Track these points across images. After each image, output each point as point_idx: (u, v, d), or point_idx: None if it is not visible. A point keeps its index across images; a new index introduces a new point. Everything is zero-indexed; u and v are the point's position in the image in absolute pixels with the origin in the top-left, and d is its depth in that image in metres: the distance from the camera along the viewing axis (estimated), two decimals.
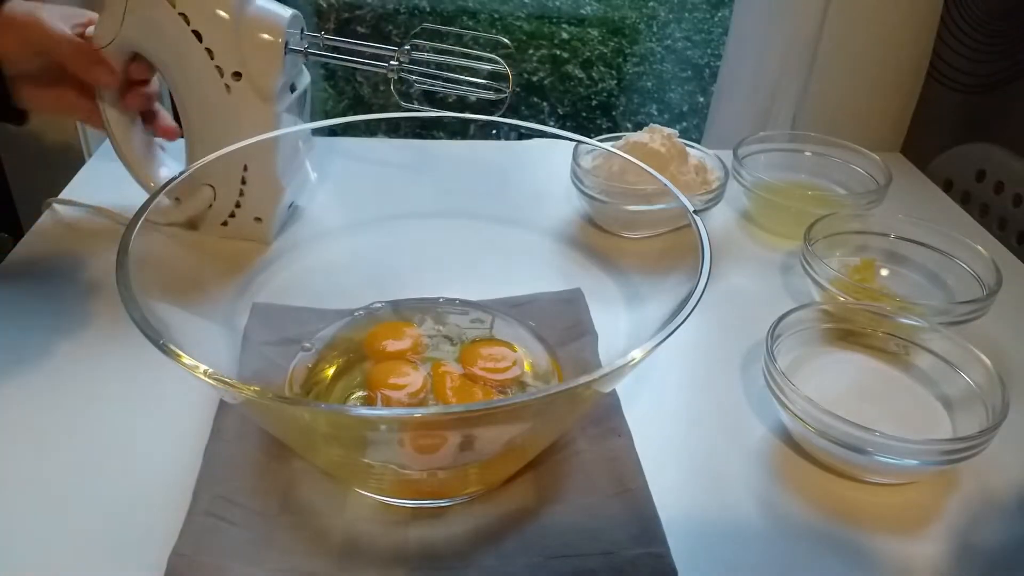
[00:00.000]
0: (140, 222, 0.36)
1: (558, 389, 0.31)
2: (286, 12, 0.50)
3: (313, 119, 0.54)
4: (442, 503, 0.39)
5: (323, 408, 0.32)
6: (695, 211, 0.40)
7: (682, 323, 0.32)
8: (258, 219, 0.52)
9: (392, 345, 0.45)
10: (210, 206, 0.51)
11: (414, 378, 0.42)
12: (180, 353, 0.30)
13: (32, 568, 0.35)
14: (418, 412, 0.30)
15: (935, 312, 0.50)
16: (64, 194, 0.63)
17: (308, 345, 0.45)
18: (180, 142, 0.55)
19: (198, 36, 0.49)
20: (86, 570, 0.35)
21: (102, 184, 0.63)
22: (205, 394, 0.44)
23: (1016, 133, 0.75)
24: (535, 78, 2.07)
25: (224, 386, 0.30)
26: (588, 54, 2.13)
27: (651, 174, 0.45)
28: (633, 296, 0.45)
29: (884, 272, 0.58)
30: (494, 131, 0.47)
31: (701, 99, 2.04)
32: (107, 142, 0.70)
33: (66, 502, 0.38)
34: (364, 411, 0.30)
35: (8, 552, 0.36)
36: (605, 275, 0.49)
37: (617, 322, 0.44)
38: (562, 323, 0.48)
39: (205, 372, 0.30)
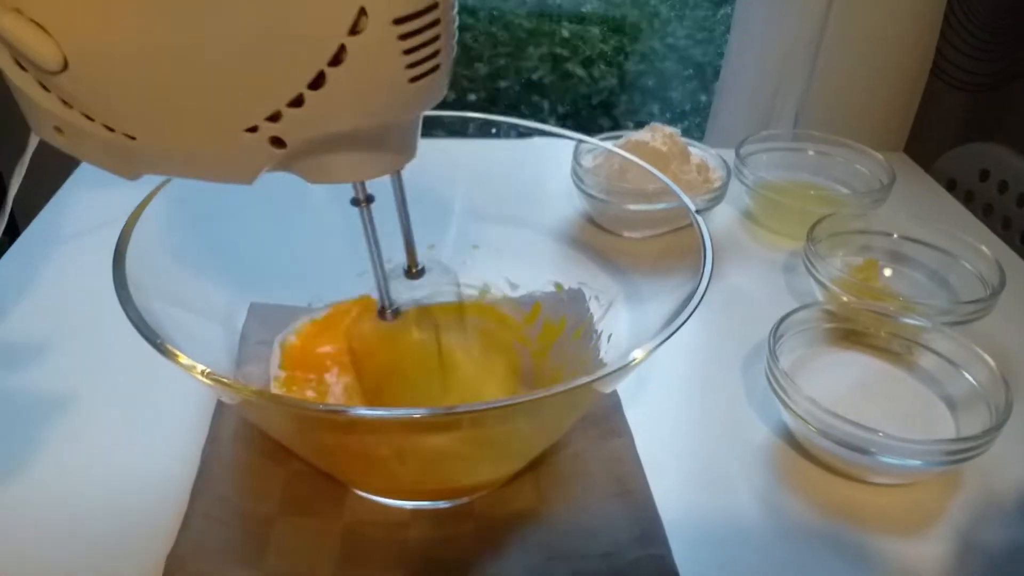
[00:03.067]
0: (137, 222, 0.36)
1: (558, 389, 0.31)
2: None
3: None
4: (442, 504, 0.38)
5: (321, 408, 0.31)
6: (697, 210, 0.39)
7: (683, 323, 0.32)
8: None
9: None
10: None
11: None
12: (177, 353, 0.30)
13: (29, 568, 0.35)
14: (417, 412, 0.30)
15: (938, 312, 0.49)
16: (61, 194, 0.63)
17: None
18: None
19: None
20: (83, 571, 0.35)
21: (100, 184, 0.63)
22: (203, 394, 0.43)
23: (1020, 132, 0.75)
24: (535, 76, 2.07)
25: (221, 386, 0.30)
26: (589, 52, 2.13)
27: (652, 173, 0.45)
28: (634, 296, 0.45)
29: (887, 272, 0.58)
30: (494, 130, 0.47)
31: (703, 98, 2.04)
32: None
33: (63, 502, 0.38)
34: (363, 411, 0.30)
35: (6, 552, 0.36)
36: (606, 275, 0.49)
37: (618, 322, 0.44)
38: (547, 309, 0.48)
39: (203, 372, 0.30)
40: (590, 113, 2.04)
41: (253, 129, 0.27)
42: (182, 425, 0.42)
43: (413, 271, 0.39)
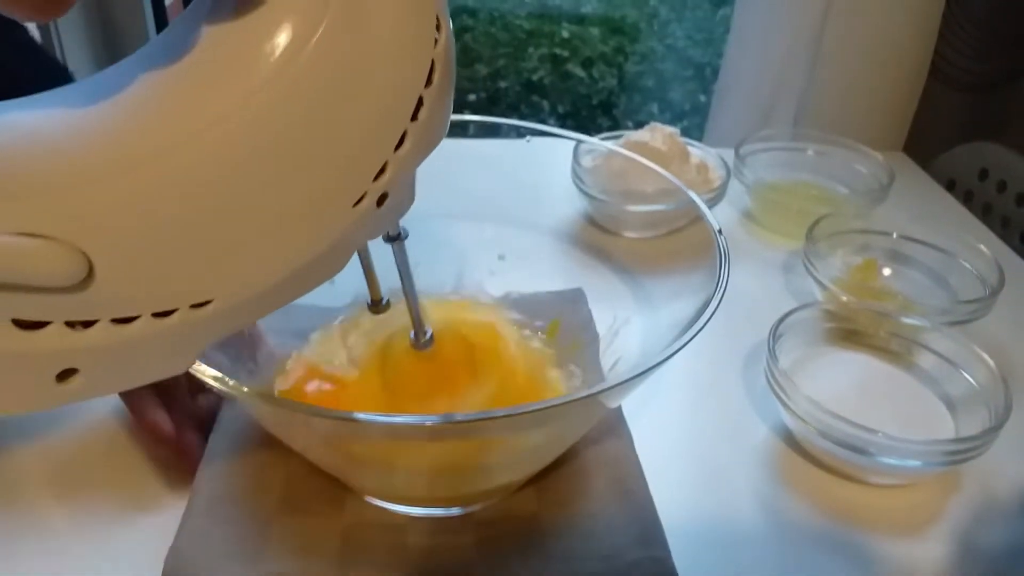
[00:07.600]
0: None
1: (560, 401, 0.31)
2: None
3: None
4: (439, 512, 0.38)
5: (324, 412, 0.31)
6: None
7: (696, 334, 0.32)
8: None
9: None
10: None
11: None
12: None
13: (29, 565, 0.35)
14: (428, 420, 0.30)
15: (937, 312, 0.49)
16: None
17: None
18: None
19: None
20: (83, 568, 0.35)
21: None
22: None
23: (1019, 132, 0.75)
24: (535, 77, 2.07)
25: (223, 386, 0.30)
26: (589, 53, 2.13)
27: (655, 171, 0.45)
28: (634, 296, 0.45)
29: (886, 271, 0.58)
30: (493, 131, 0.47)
31: (702, 98, 2.04)
32: None
33: (64, 499, 0.38)
34: (371, 417, 0.30)
35: (6, 550, 0.36)
36: (606, 275, 0.49)
37: (622, 323, 0.44)
38: (563, 323, 0.48)
39: (207, 375, 0.30)
40: (590, 113, 2.04)
41: (360, 199, 0.24)
42: None
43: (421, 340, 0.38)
